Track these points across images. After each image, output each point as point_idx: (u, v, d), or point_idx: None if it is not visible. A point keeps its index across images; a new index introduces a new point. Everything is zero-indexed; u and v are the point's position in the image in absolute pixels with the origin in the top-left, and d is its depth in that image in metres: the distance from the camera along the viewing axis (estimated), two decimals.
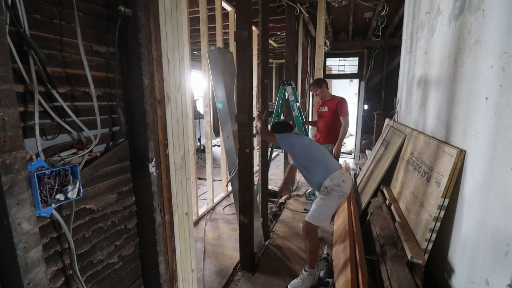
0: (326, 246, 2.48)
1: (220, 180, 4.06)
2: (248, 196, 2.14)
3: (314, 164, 2.06)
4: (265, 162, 2.73)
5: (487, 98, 1.39)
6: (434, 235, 1.70)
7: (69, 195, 0.78)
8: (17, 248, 0.65)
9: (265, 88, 2.54)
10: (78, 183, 0.79)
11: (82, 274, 0.90)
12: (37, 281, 0.70)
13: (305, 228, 2.03)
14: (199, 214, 3.20)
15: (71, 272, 0.87)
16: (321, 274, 2.04)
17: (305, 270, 2.03)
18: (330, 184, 1.98)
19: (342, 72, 7.18)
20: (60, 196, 0.76)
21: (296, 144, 2.09)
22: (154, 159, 1.08)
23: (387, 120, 4.20)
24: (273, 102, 9.05)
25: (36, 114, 0.74)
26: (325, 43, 5.38)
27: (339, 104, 3.02)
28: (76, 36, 0.83)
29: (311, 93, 5.56)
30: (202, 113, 5.50)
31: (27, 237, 0.67)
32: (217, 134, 6.75)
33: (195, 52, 6.18)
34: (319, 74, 3.64)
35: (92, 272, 0.96)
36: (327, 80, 3.95)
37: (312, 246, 2.02)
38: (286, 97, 3.48)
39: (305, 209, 3.38)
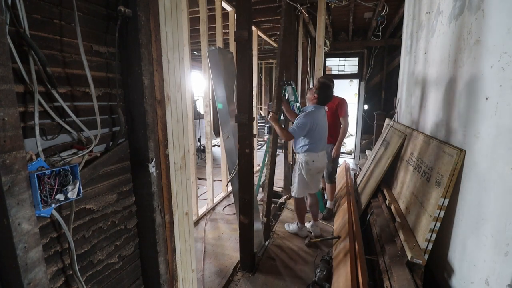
0: (330, 249, 2.47)
1: (220, 180, 4.06)
2: (248, 196, 2.14)
3: (307, 138, 2.46)
4: (273, 161, 2.71)
5: (487, 98, 1.39)
6: (434, 235, 1.70)
7: (69, 195, 0.78)
8: (17, 248, 0.65)
9: (280, 90, 2.70)
10: (78, 183, 0.79)
11: (82, 274, 0.90)
12: (37, 281, 0.70)
13: (294, 199, 2.70)
14: (199, 214, 3.20)
15: (71, 272, 0.87)
16: (317, 278, 1.99)
17: (297, 223, 2.76)
18: (301, 159, 2.53)
19: (342, 72, 7.18)
20: (60, 196, 0.76)
21: (314, 124, 2.40)
22: (154, 159, 1.08)
23: (387, 120, 4.20)
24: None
25: (36, 114, 0.74)
26: (325, 43, 5.38)
27: (339, 105, 3.02)
28: (76, 36, 0.83)
29: None
30: (202, 113, 5.50)
31: (27, 237, 0.67)
32: (217, 134, 6.75)
33: (195, 52, 6.18)
34: (319, 74, 3.64)
35: (92, 272, 0.96)
36: None
37: (297, 207, 2.68)
38: (286, 97, 3.48)
39: None
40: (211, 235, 2.83)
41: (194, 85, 7.93)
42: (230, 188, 3.37)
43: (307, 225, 2.83)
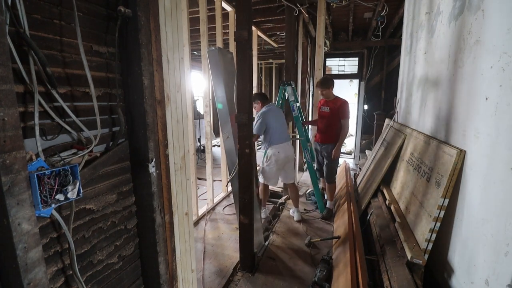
0: (330, 249, 2.47)
1: (220, 180, 4.06)
2: (248, 196, 2.14)
3: (267, 134, 2.85)
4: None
5: (487, 98, 1.39)
6: (434, 235, 1.70)
7: (69, 195, 0.78)
8: (17, 248, 0.65)
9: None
10: (78, 183, 0.79)
11: (82, 274, 0.90)
12: (37, 281, 0.70)
13: (260, 185, 3.01)
14: (199, 214, 3.20)
15: (71, 272, 0.87)
16: (317, 278, 1.97)
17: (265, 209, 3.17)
18: (268, 153, 2.88)
19: (342, 72, 7.19)
20: (60, 196, 0.76)
21: (268, 119, 2.83)
22: (154, 159, 1.08)
23: (387, 120, 4.20)
24: (273, 102, 9.03)
25: (36, 114, 0.74)
26: (325, 43, 5.38)
27: (341, 107, 3.01)
28: (76, 36, 0.83)
29: (311, 93, 5.57)
30: (202, 113, 5.50)
31: (27, 237, 0.67)
32: (217, 134, 6.75)
33: (195, 52, 6.18)
34: (319, 74, 3.64)
35: (92, 272, 0.96)
36: None
37: (261, 192, 3.04)
38: (286, 97, 3.48)
39: (304, 209, 3.38)
40: (211, 235, 2.83)
41: (194, 85, 7.93)
42: (230, 188, 3.37)
43: (290, 211, 3.24)
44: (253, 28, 4.09)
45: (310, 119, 5.67)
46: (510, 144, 1.21)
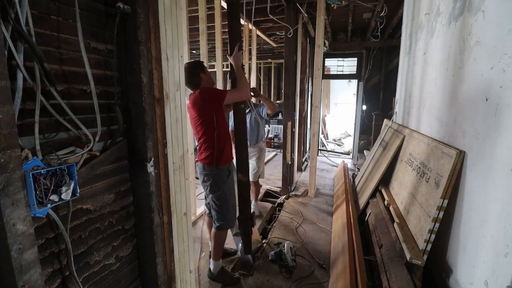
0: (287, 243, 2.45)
1: None
2: (246, 178, 2.13)
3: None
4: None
5: (487, 99, 1.39)
6: (433, 236, 1.70)
7: (63, 196, 0.76)
8: (12, 249, 0.63)
9: None
10: (72, 184, 0.78)
11: (78, 276, 0.89)
12: (32, 283, 0.69)
13: (255, 183, 3.07)
14: (197, 214, 3.18)
15: (67, 273, 0.85)
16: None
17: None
18: (263, 146, 3.02)
19: (341, 73, 7.19)
20: (54, 197, 0.74)
21: None
22: (152, 159, 1.06)
23: (385, 120, 4.21)
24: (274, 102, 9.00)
25: (37, 112, 0.72)
26: (324, 43, 5.37)
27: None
28: (73, 32, 0.82)
29: (310, 93, 5.57)
30: None
31: (22, 238, 0.65)
32: None
33: (194, 51, 6.16)
34: (318, 74, 3.64)
35: (88, 274, 0.94)
36: (326, 80, 3.92)
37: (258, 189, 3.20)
38: None
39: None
40: (208, 235, 2.81)
41: None
42: None
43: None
44: (252, 27, 4.08)
45: (309, 119, 5.67)
46: (510, 145, 1.21)
